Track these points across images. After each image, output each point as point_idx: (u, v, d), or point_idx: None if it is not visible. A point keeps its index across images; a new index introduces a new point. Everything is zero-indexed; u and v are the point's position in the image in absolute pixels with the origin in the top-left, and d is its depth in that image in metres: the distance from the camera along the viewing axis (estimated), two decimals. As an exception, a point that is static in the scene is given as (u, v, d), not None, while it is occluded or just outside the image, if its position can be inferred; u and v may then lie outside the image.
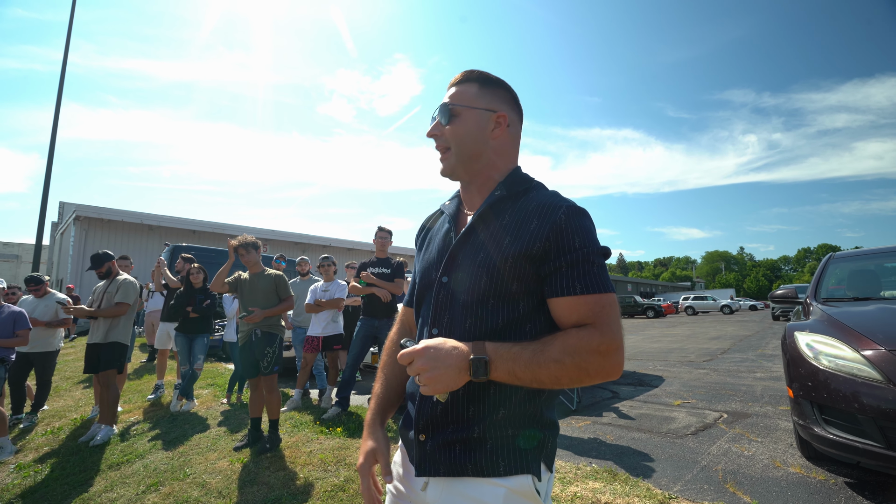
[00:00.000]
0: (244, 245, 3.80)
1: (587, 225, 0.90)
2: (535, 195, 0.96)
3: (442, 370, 0.81)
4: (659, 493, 2.60)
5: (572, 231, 0.87)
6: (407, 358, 0.83)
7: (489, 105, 1.00)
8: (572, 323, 0.86)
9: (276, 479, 2.99)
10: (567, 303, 0.86)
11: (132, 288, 4.48)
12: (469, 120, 0.99)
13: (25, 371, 4.97)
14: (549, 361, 0.80)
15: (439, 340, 0.84)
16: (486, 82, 1.02)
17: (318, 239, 22.59)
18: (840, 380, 2.50)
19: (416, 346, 0.84)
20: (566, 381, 0.82)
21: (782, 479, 2.76)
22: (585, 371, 0.81)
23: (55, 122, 11.42)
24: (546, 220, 0.89)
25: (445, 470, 0.89)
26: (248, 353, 3.70)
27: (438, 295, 0.96)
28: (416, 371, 0.82)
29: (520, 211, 0.93)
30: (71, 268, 15.97)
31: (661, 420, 4.14)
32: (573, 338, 0.82)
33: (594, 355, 0.81)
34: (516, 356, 0.82)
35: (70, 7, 11.91)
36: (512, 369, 0.81)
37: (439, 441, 0.90)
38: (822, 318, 3.06)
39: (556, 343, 0.82)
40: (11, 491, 3.29)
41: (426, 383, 0.81)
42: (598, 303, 0.84)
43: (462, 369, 0.81)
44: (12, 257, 31.28)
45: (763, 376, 6.16)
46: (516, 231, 0.90)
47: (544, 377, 0.81)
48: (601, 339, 0.81)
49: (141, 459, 3.59)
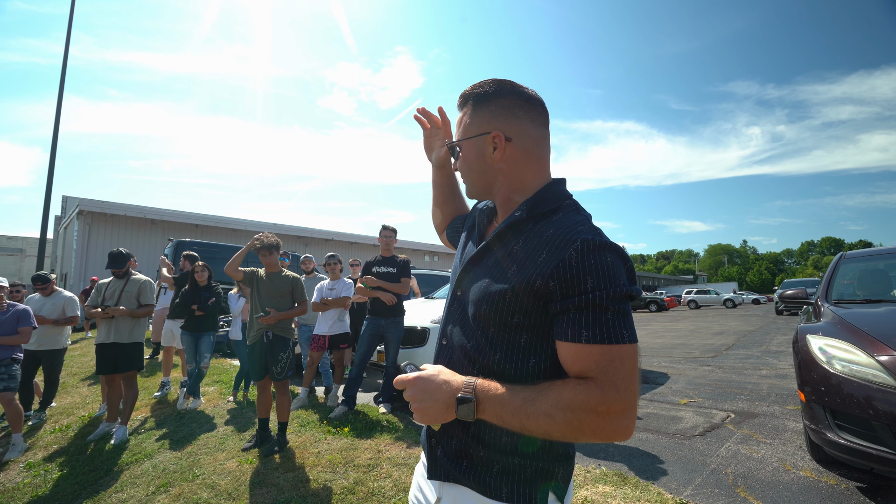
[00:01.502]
0: (266, 247, 3.72)
1: (605, 263, 0.77)
2: (557, 220, 0.86)
3: (429, 403, 0.80)
4: (670, 497, 2.59)
5: (584, 270, 0.76)
6: (401, 385, 0.84)
7: (480, 128, 0.93)
8: (575, 373, 0.77)
9: (285, 481, 3.00)
10: (570, 350, 0.77)
11: (151, 288, 4.52)
12: (468, 152, 0.95)
13: (33, 369, 4.99)
14: (539, 414, 0.74)
15: (432, 372, 0.84)
16: (478, 101, 0.95)
17: (320, 233, 22.55)
18: (854, 385, 2.48)
19: (409, 376, 0.84)
20: (558, 436, 0.74)
21: (793, 484, 2.75)
22: (579, 430, 0.73)
23: (57, 115, 11.37)
24: (554, 256, 0.79)
25: (453, 477, 0.89)
26: (259, 355, 3.67)
27: (451, 306, 0.97)
28: (407, 399, 0.83)
29: (535, 237, 0.85)
30: (75, 262, 16.00)
31: (668, 420, 4.13)
32: (570, 391, 0.74)
33: (590, 415, 0.72)
34: (505, 402, 0.76)
35: (70, 0, 11.81)
36: (500, 414, 0.77)
37: (447, 450, 0.90)
38: (833, 320, 3.03)
39: (551, 394, 0.74)
40: (22, 490, 3.31)
41: (415, 413, 0.83)
42: (606, 356, 0.74)
43: (449, 405, 0.79)
44: (16, 251, 31.38)
45: (769, 374, 6.15)
46: (523, 261, 0.83)
47: (533, 429, 0.75)
48: (601, 398, 0.72)
49: (150, 459, 3.61)
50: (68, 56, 11.78)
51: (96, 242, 16.26)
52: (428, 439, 0.94)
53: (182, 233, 17.17)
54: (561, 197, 0.92)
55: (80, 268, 15.74)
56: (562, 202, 0.91)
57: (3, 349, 4.13)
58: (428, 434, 0.94)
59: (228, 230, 19.13)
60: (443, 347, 0.96)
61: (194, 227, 18.31)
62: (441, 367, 0.85)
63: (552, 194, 0.92)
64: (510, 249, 0.88)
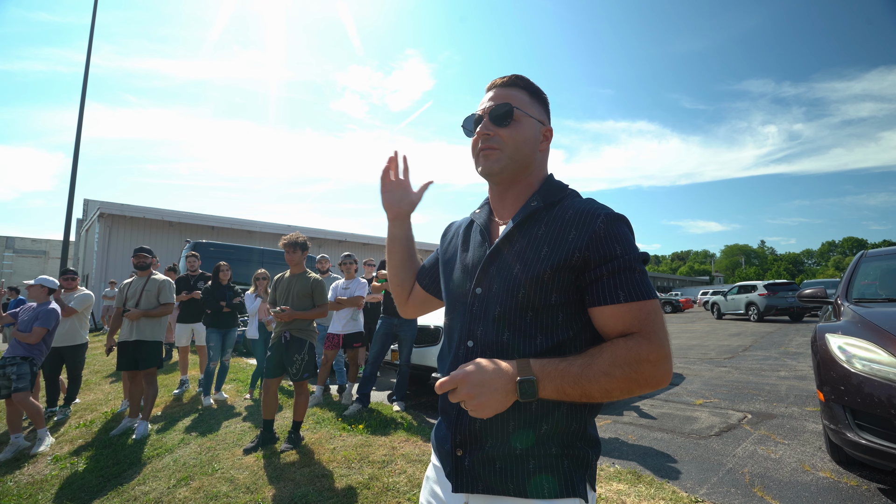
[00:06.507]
0: (290, 244, 3.79)
1: (626, 231, 0.87)
2: (570, 203, 0.94)
3: (488, 395, 0.78)
4: (685, 496, 2.57)
5: (612, 239, 0.85)
6: (449, 385, 0.80)
7: (540, 116, 1.01)
8: (617, 332, 0.83)
9: (301, 476, 3.05)
10: (611, 311, 0.83)
11: (171, 287, 4.66)
12: (528, 127, 0.98)
13: (59, 365, 5.14)
14: (599, 375, 0.78)
15: (480, 364, 0.81)
16: (534, 93, 1.02)
17: (334, 234, 22.77)
18: (875, 384, 2.43)
19: (458, 373, 0.80)
20: (617, 393, 0.80)
21: (812, 484, 2.71)
22: (636, 382, 0.79)
23: (80, 122, 11.70)
24: (585, 230, 0.86)
25: (484, 487, 0.86)
26: (275, 354, 3.72)
27: (473, 306, 0.94)
28: (461, 398, 0.79)
29: (556, 220, 0.91)
30: (96, 263, 16.43)
31: (683, 420, 4.10)
32: (622, 348, 0.80)
33: (645, 365, 0.78)
34: (563, 372, 0.79)
35: (91, 10, 12.16)
36: (560, 386, 0.79)
37: (478, 457, 0.87)
38: (854, 319, 2.98)
39: (605, 355, 0.80)
40: (50, 482, 3.43)
41: (473, 409, 0.79)
42: (643, 310, 0.82)
43: (509, 392, 0.79)
44: (40, 253, 32.32)
45: (787, 375, 6.04)
46: (554, 242, 0.88)
47: (594, 391, 0.79)
48: (650, 347, 0.79)
49: (170, 454, 3.70)
50: (90, 64, 12.12)
51: (116, 244, 16.67)
52: (453, 450, 0.90)
53: (198, 234, 17.50)
54: (563, 186, 1.02)
55: (101, 269, 16.15)
56: (566, 191, 1.01)
57: (15, 346, 4.15)
58: (453, 445, 0.90)
59: (244, 231, 19.44)
60: (469, 351, 0.92)
61: (210, 229, 18.65)
62: (482, 360, 0.83)
63: (557, 185, 1.01)
64: (534, 235, 0.91)
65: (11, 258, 33.38)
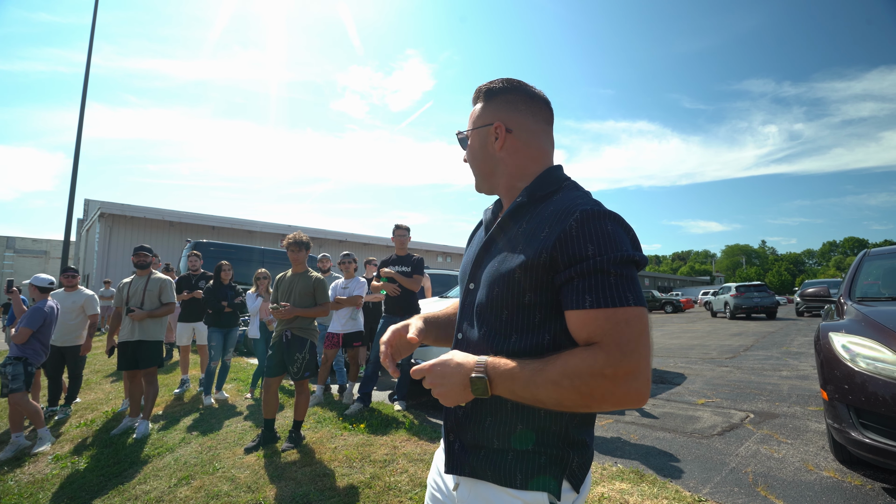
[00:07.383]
0: (295, 243, 3.81)
1: (605, 230, 0.79)
2: (558, 198, 0.90)
3: (448, 387, 0.83)
4: (688, 495, 2.56)
5: (584, 238, 0.79)
6: (418, 374, 0.86)
7: (485, 120, 1.00)
8: (583, 340, 0.78)
9: (303, 475, 3.05)
10: (576, 317, 0.78)
11: (172, 287, 4.66)
12: (474, 142, 1.02)
13: (61, 365, 5.14)
14: (547, 383, 0.74)
15: (449, 357, 0.85)
16: (488, 96, 1.01)
17: (334, 234, 22.80)
18: (879, 383, 2.42)
19: (425, 364, 0.86)
20: (569, 404, 0.75)
21: (815, 484, 2.70)
22: (590, 396, 0.73)
23: (80, 122, 11.71)
24: (556, 228, 0.82)
25: (470, 471, 0.89)
26: (276, 353, 3.71)
27: (465, 301, 0.99)
28: (427, 386, 0.85)
29: (537, 217, 0.89)
30: (97, 262, 16.44)
31: (685, 419, 4.08)
32: (575, 357, 0.74)
33: (598, 379, 0.71)
34: (515, 375, 0.77)
35: (92, 10, 12.16)
36: (511, 388, 0.78)
37: (465, 442, 0.92)
38: (857, 318, 2.96)
39: (558, 363, 0.75)
40: (51, 481, 3.42)
41: (437, 397, 0.85)
42: (612, 319, 0.74)
43: (465, 386, 0.81)
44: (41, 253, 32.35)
45: (789, 375, 6.02)
46: (528, 239, 0.86)
47: (545, 398, 0.76)
48: (607, 360, 0.72)
49: (171, 453, 3.69)
50: (90, 64, 12.12)
51: (117, 244, 16.69)
52: (446, 434, 0.96)
53: (199, 234, 17.51)
54: (560, 179, 0.96)
55: (102, 268, 16.16)
56: (560, 184, 0.95)
57: (12, 346, 4.16)
58: (446, 429, 0.96)
59: (244, 231, 19.46)
60: (458, 342, 0.98)
61: (211, 229, 18.67)
62: (455, 352, 0.86)
63: (551, 178, 0.96)
64: (515, 233, 0.91)
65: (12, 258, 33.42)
